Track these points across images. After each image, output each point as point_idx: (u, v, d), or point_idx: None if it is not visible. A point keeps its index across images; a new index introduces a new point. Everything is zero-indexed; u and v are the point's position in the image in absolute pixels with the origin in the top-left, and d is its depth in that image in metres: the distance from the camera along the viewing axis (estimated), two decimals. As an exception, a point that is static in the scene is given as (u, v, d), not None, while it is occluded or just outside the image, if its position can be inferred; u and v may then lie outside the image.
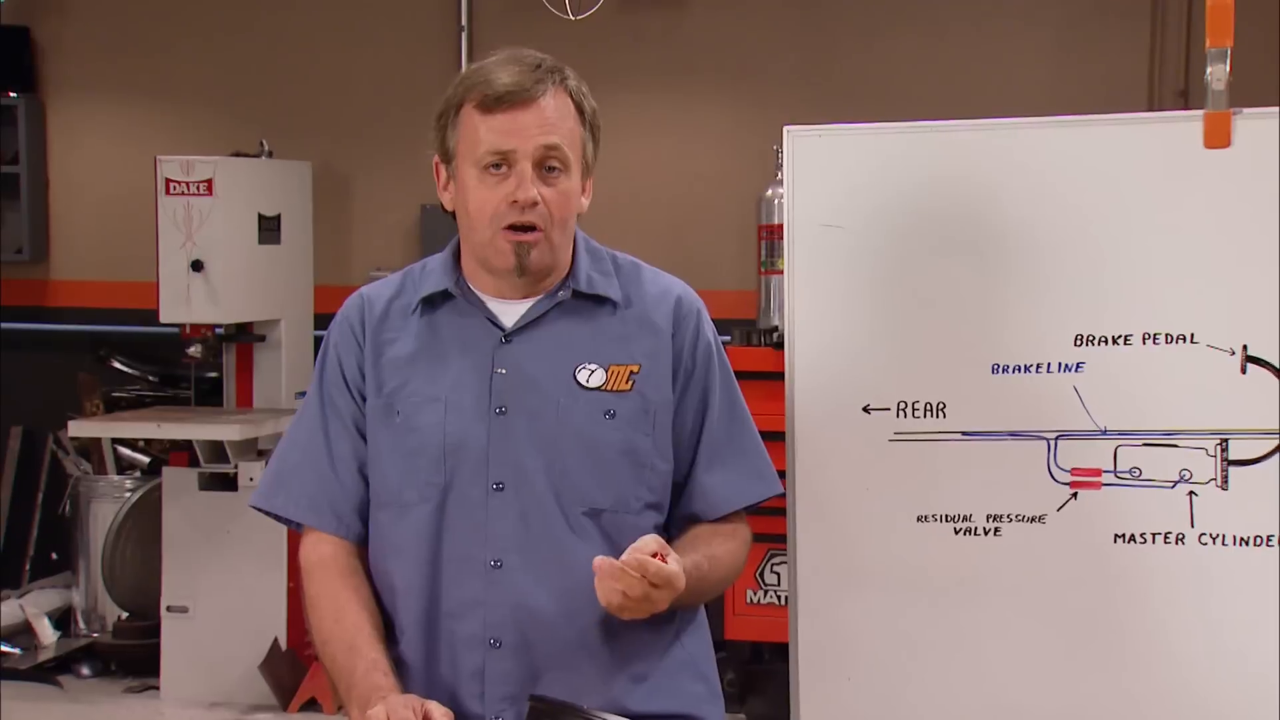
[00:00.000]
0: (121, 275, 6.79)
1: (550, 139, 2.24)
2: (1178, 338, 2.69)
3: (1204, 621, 2.68)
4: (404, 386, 2.31)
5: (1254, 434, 2.66)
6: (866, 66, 6.27)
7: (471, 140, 2.25)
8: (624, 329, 2.32)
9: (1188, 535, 2.69)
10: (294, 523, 2.38)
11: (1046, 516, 2.76)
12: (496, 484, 2.25)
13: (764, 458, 2.42)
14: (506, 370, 2.28)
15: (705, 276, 6.07)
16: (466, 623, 2.25)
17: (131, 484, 6.26)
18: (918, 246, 2.81)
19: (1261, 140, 2.64)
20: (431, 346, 2.32)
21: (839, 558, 2.84)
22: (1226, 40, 2.64)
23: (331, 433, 2.34)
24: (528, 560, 2.24)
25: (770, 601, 5.33)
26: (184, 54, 6.87)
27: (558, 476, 2.25)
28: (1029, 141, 2.79)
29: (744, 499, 2.39)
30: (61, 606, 6.41)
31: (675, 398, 2.33)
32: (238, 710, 5.66)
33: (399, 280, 2.40)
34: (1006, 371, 2.77)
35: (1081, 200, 2.73)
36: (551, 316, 2.31)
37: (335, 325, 2.40)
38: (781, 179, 2.97)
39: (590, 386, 2.28)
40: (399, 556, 2.29)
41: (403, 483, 2.29)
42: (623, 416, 2.27)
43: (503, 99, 2.23)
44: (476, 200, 2.25)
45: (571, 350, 2.29)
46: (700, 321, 2.38)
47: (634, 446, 2.28)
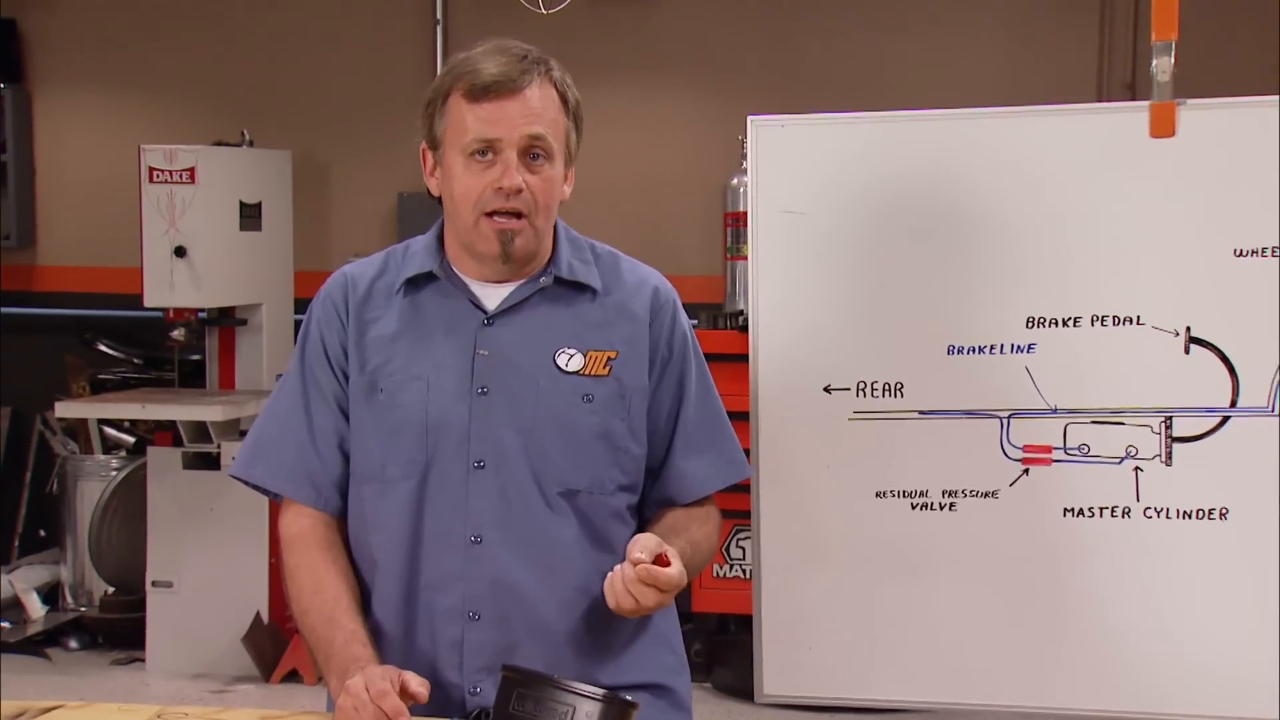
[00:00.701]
0: (107, 261, 6.77)
1: (535, 129, 2.23)
2: (1124, 320, 2.70)
3: (1147, 591, 2.70)
4: (387, 364, 2.29)
5: (1197, 412, 2.67)
6: (829, 60, 6.28)
7: (459, 128, 2.24)
8: (603, 316, 2.31)
9: (1133, 509, 2.70)
10: (272, 493, 2.37)
11: (999, 492, 2.77)
12: (477, 462, 2.25)
13: (734, 443, 2.42)
14: (488, 352, 2.27)
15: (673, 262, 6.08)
16: (446, 596, 2.25)
17: (117, 463, 6.26)
18: (876, 232, 2.81)
19: (1204, 130, 2.65)
20: (415, 326, 2.31)
21: (801, 533, 2.85)
22: (1171, 34, 2.65)
23: (312, 407, 2.33)
24: (506, 536, 2.24)
25: (736, 575, 5.35)
26: (167, 46, 6.85)
27: (536, 456, 2.25)
28: (982, 131, 2.80)
29: (717, 483, 2.39)
30: (49, 582, 6.39)
31: (652, 385, 2.33)
32: (221, 681, 5.66)
33: (381, 260, 2.39)
34: (961, 353, 2.78)
35: (1032, 188, 2.74)
36: (533, 301, 2.30)
37: (318, 302, 2.38)
38: (746, 168, 2.97)
39: (569, 370, 2.28)
40: (381, 531, 2.28)
41: (385, 459, 2.28)
42: (600, 401, 2.27)
43: (490, 88, 2.22)
44: (462, 186, 2.24)
45: (552, 335, 2.29)
46: (676, 312, 2.38)
47: (609, 430, 2.27)
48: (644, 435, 2.31)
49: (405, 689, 2.05)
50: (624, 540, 2.26)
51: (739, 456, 2.41)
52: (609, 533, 2.28)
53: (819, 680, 2.86)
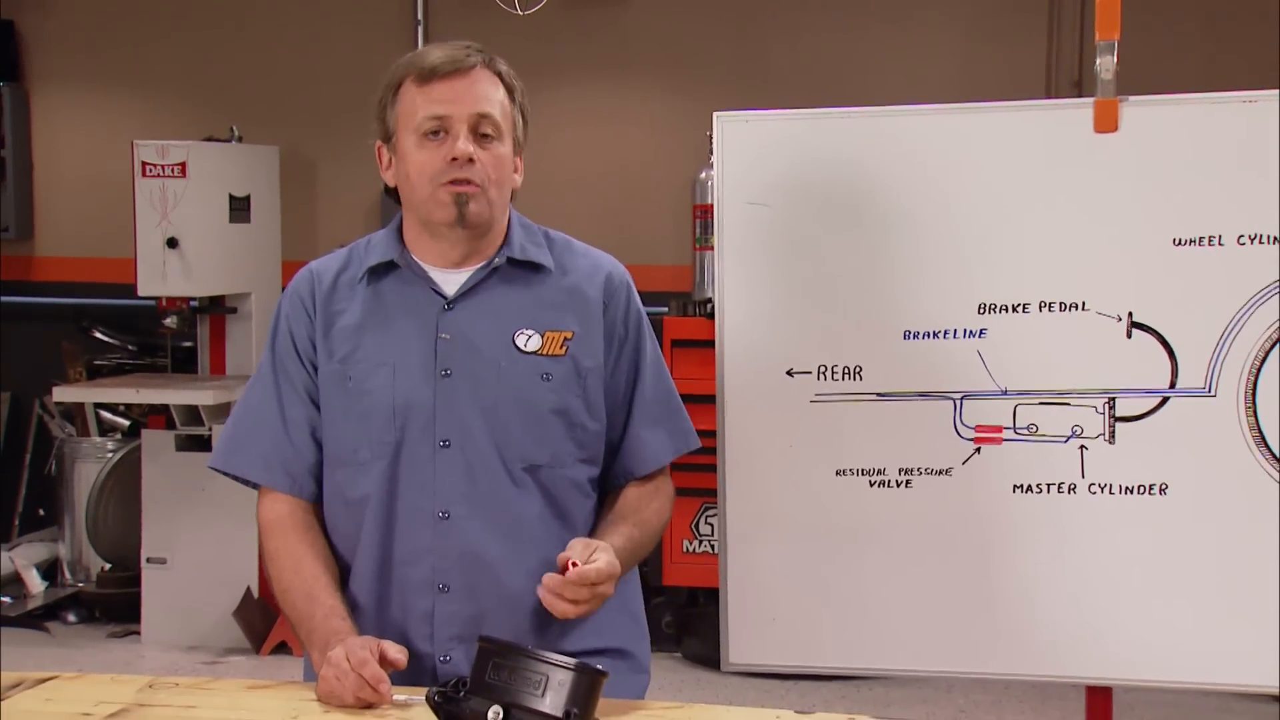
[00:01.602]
0: (102, 252, 6.75)
1: (483, 107, 2.24)
2: (1070, 306, 2.71)
3: (1092, 563, 2.72)
4: (354, 353, 2.29)
5: (1138, 393, 2.69)
6: (793, 58, 6.28)
7: (410, 111, 2.25)
8: (558, 298, 2.32)
9: (1079, 485, 2.72)
10: (250, 482, 2.37)
11: (953, 469, 2.78)
12: (443, 441, 2.25)
13: (685, 417, 2.42)
14: (450, 335, 2.27)
15: (645, 252, 6.11)
16: (417, 569, 2.25)
17: (113, 445, 6.24)
18: (837, 223, 2.82)
19: (1146, 125, 2.67)
20: (378, 314, 2.31)
21: (765, 509, 2.86)
22: (1113, 34, 2.66)
23: (285, 399, 2.33)
24: (473, 511, 2.24)
25: (704, 550, 5.36)
26: (160, 46, 6.82)
27: (499, 434, 2.25)
28: (937, 127, 2.81)
29: (671, 454, 2.39)
30: (49, 558, 6.37)
31: (610, 365, 2.33)
32: (213, 653, 5.65)
33: (345, 254, 2.39)
34: (917, 337, 2.79)
35: (984, 180, 2.75)
36: (490, 284, 2.30)
37: (286, 297, 2.38)
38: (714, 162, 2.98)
39: (528, 351, 2.28)
40: (354, 510, 2.28)
41: (357, 442, 2.28)
42: (558, 379, 2.27)
43: (438, 70, 2.23)
44: (417, 164, 2.25)
45: (510, 317, 2.29)
46: (630, 294, 2.38)
47: (567, 406, 2.28)
48: (601, 411, 2.32)
49: (384, 657, 2.07)
50: (585, 512, 2.30)
51: (689, 428, 2.42)
52: (570, 505, 2.28)
53: (781, 649, 2.87)
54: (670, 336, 5.28)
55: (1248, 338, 2.64)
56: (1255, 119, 2.63)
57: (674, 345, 5.24)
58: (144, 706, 2.09)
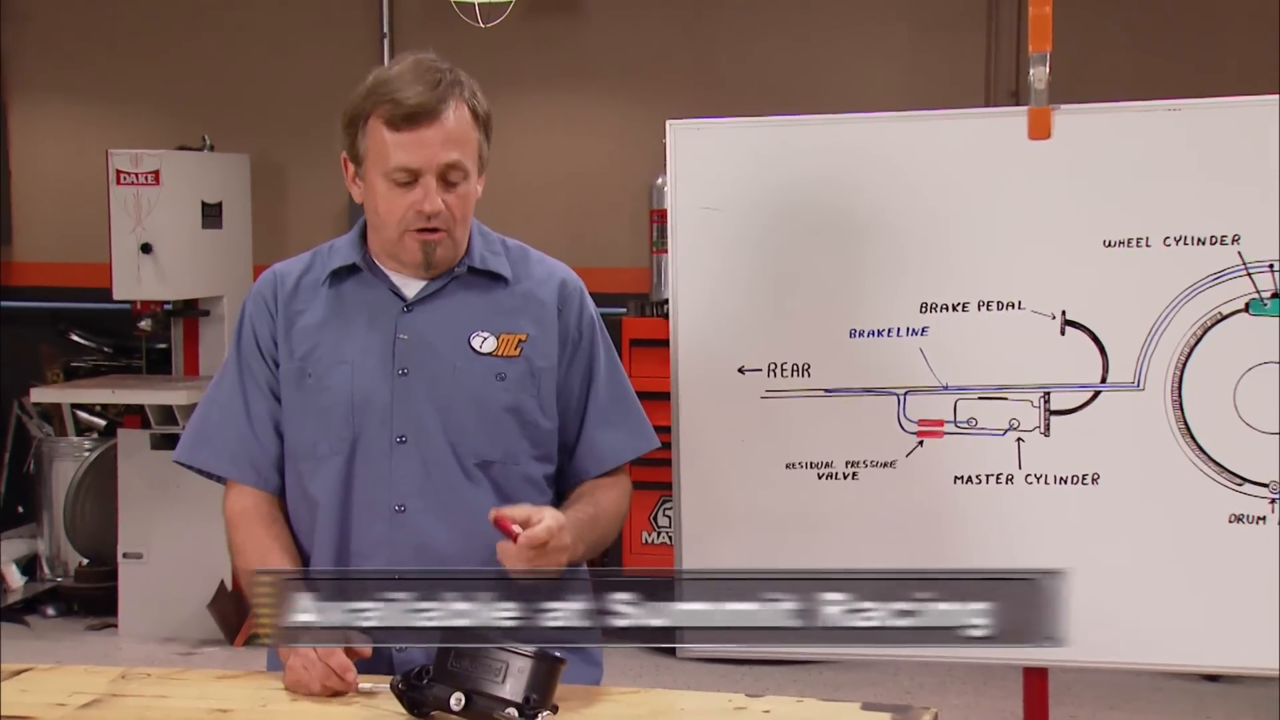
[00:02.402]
0: (78, 257, 6.72)
1: (452, 155, 2.20)
2: (1007, 305, 2.72)
3: (1028, 549, 2.71)
4: (314, 351, 2.28)
5: (1072, 387, 2.70)
6: (743, 68, 6.29)
7: (380, 154, 2.21)
8: (513, 303, 2.31)
9: (1016, 476, 2.73)
10: (216, 476, 2.35)
11: (897, 462, 2.78)
12: (400, 437, 2.24)
13: (642, 417, 2.41)
14: (408, 336, 2.26)
15: (604, 256, 6.11)
16: (374, 560, 2.24)
17: (90, 444, 6.21)
18: (785, 226, 2.82)
19: (1077, 132, 2.68)
20: (340, 315, 2.30)
21: (718, 501, 2.85)
22: (1046, 46, 2.67)
23: (249, 395, 2.32)
24: (428, 505, 2.23)
25: (662, 541, 5.36)
26: (133, 58, 6.80)
27: (454, 431, 2.24)
28: (881, 134, 2.81)
29: (627, 454, 2.38)
30: (28, 554, 6.34)
31: (563, 367, 2.32)
32: (188, 645, 5.63)
33: (309, 258, 2.38)
34: (862, 336, 2.79)
35: (925, 185, 2.76)
36: (449, 289, 2.29)
37: (250, 298, 2.37)
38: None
39: (483, 352, 2.27)
40: (314, 502, 2.27)
41: (316, 437, 2.27)
42: (512, 379, 2.27)
43: (409, 117, 2.18)
44: (385, 206, 2.23)
45: (467, 320, 2.28)
46: (583, 299, 2.37)
47: (520, 405, 2.27)
48: (554, 410, 2.31)
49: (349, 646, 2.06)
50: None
51: (648, 430, 2.41)
52: (523, 500, 2.26)
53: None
54: (629, 336, 5.29)
55: (1174, 334, 2.65)
56: (1179, 126, 2.65)
57: (632, 344, 5.25)
58: (117, 696, 2.08)
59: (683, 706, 2.07)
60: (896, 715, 1.94)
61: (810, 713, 2.03)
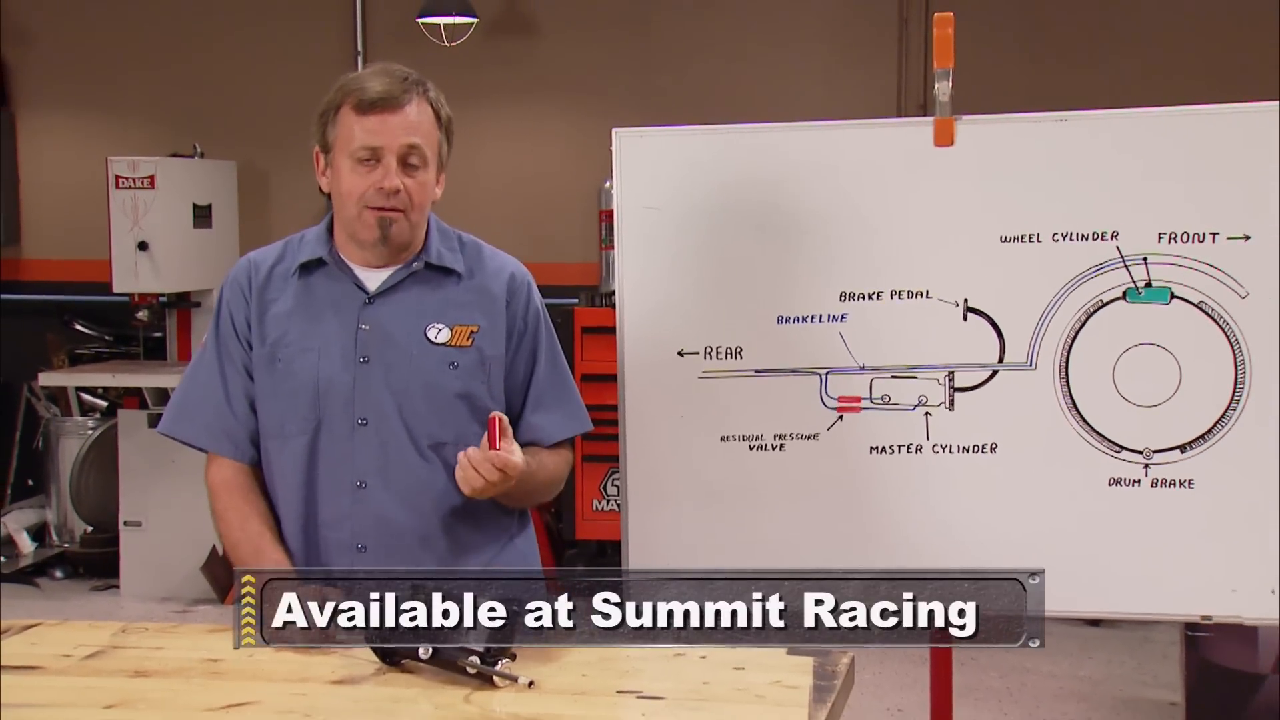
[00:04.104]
0: (81, 254, 6.67)
1: (412, 139, 2.19)
2: (917, 294, 2.72)
3: (936, 511, 2.73)
4: (284, 338, 2.26)
5: (973, 367, 2.71)
6: (682, 82, 6.30)
7: (347, 136, 2.20)
8: (466, 297, 2.28)
9: (924, 446, 2.73)
10: (196, 447, 2.32)
11: (819, 434, 2.78)
12: (360, 420, 2.22)
13: (578, 401, 2.38)
14: (369, 326, 2.24)
15: (557, 252, 6.10)
16: (338, 531, 2.22)
17: (93, 423, 6.16)
18: (720, 224, 2.81)
19: (977, 140, 2.68)
20: (308, 305, 2.27)
21: (660, 472, 2.84)
22: (948, 63, 2.67)
23: (227, 374, 2.29)
24: (386, 482, 2.22)
25: (611, 509, 5.36)
26: (130, 73, 6.76)
27: (409, 415, 2.22)
28: (803, 141, 2.80)
29: (563, 434, 2.36)
30: (37, 523, 6.30)
31: (510, 354, 2.30)
32: (184, 604, 5.61)
33: (280, 248, 2.34)
34: (788, 322, 2.79)
35: (843, 187, 2.75)
36: (407, 284, 2.27)
37: (227, 284, 2.34)
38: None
39: (438, 342, 2.25)
40: (283, 478, 2.25)
41: (284, 418, 2.24)
42: (463, 367, 2.24)
43: (375, 103, 2.18)
44: (348, 185, 2.21)
45: (423, 312, 2.26)
46: (530, 292, 2.34)
47: (471, 391, 2.25)
48: (502, 395, 2.29)
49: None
50: None
51: (582, 413, 2.38)
52: None
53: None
54: (580, 324, 5.27)
55: (1061, 319, 2.67)
56: (1066, 135, 2.67)
57: (584, 332, 5.23)
58: (117, 649, 2.07)
59: (628, 654, 2.07)
60: (818, 660, 1.95)
61: (742, 657, 2.04)
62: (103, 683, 1.94)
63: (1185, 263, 2.63)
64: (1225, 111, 2.64)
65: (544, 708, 1.83)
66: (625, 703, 1.87)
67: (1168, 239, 2.64)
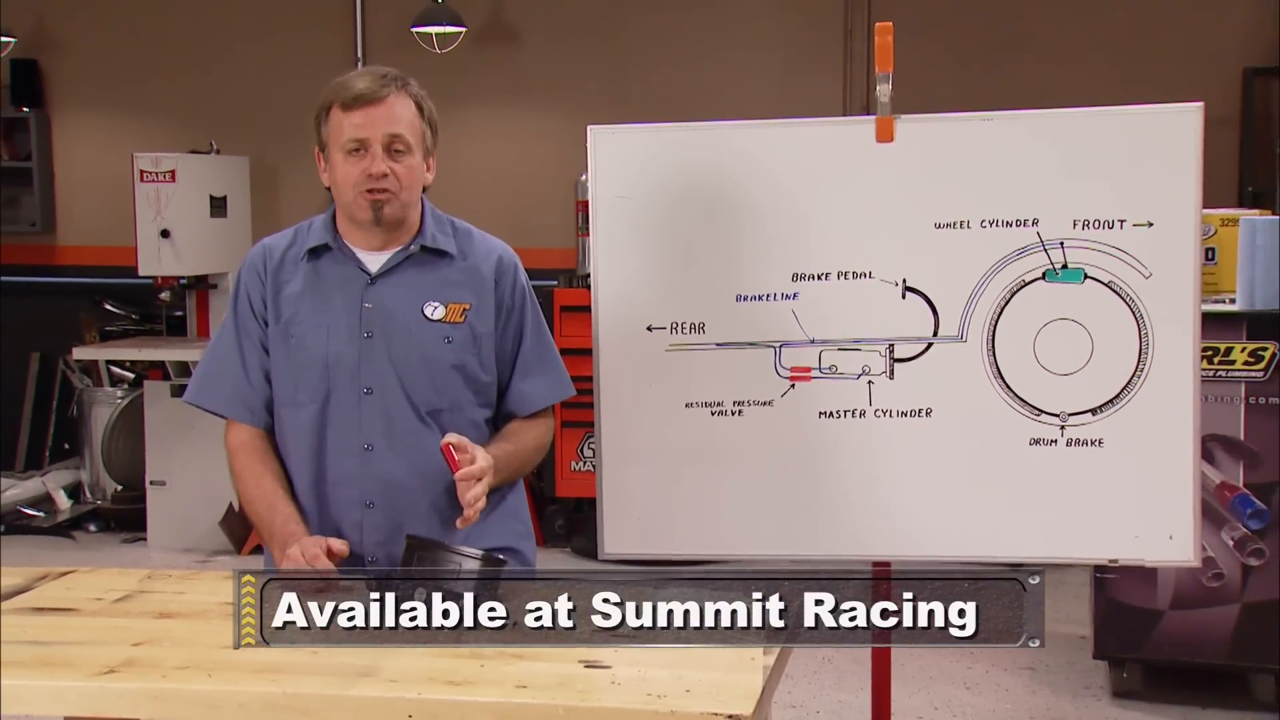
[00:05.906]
0: (110, 241, 6.67)
1: (395, 129, 2.18)
2: (860, 274, 2.71)
3: (878, 469, 2.73)
4: (296, 315, 2.25)
5: (910, 340, 2.70)
6: (651, 85, 6.30)
7: (337, 131, 2.20)
8: (459, 277, 2.28)
9: (867, 411, 2.73)
10: (217, 414, 2.31)
11: (774, 401, 2.77)
12: (366, 389, 2.21)
13: (562, 370, 2.38)
14: (372, 305, 2.23)
15: (538, 238, 6.09)
16: (347, 490, 2.21)
17: (121, 393, 6.14)
18: (685, 211, 2.79)
19: (915, 137, 2.67)
20: (316, 287, 2.26)
21: (631, 435, 2.82)
22: (888, 67, 2.65)
23: (244, 349, 2.28)
24: (391, 445, 2.21)
25: (588, 469, 5.36)
26: (154, 79, 6.75)
27: (409, 385, 2.21)
28: (760, 137, 2.78)
29: (547, 399, 2.36)
30: (73, 482, 6.30)
31: (499, 330, 2.29)
32: (204, 554, 5.60)
33: (292, 234, 2.34)
34: (746, 300, 2.77)
35: (795, 178, 2.73)
36: (405, 266, 2.26)
37: (244, 267, 2.33)
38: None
39: (434, 319, 2.24)
40: (296, 441, 2.24)
41: (296, 388, 2.23)
42: (457, 341, 2.24)
43: (358, 99, 2.17)
44: (342, 174, 2.21)
45: (420, 291, 2.25)
46: (517, 273, 2.34)
47: (464, 363, 2.24)
48: (492, 366, 2.29)
49: (330, 551, 2.06)
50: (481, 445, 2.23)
51: (565, 379, 2.39)
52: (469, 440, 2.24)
53: (644, 542, 2.85)
54: (560, 304, 5.26)
55: (989, 298, 2.67)
56: (992, 132, 2.66)
57: (562, 310, 5.23)
58: (144, 593, 2.08)
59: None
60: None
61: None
62: (131, 623, 1.96)
63: (1097, 247, 2.64)
64: (1134, 112, 2.64)
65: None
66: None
67: (1082, 225, 2.64)
